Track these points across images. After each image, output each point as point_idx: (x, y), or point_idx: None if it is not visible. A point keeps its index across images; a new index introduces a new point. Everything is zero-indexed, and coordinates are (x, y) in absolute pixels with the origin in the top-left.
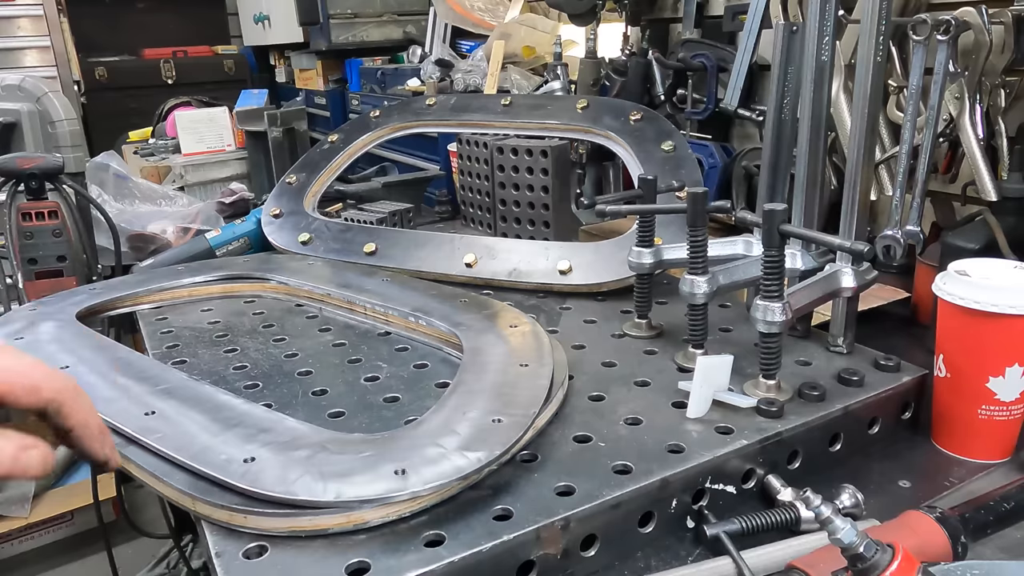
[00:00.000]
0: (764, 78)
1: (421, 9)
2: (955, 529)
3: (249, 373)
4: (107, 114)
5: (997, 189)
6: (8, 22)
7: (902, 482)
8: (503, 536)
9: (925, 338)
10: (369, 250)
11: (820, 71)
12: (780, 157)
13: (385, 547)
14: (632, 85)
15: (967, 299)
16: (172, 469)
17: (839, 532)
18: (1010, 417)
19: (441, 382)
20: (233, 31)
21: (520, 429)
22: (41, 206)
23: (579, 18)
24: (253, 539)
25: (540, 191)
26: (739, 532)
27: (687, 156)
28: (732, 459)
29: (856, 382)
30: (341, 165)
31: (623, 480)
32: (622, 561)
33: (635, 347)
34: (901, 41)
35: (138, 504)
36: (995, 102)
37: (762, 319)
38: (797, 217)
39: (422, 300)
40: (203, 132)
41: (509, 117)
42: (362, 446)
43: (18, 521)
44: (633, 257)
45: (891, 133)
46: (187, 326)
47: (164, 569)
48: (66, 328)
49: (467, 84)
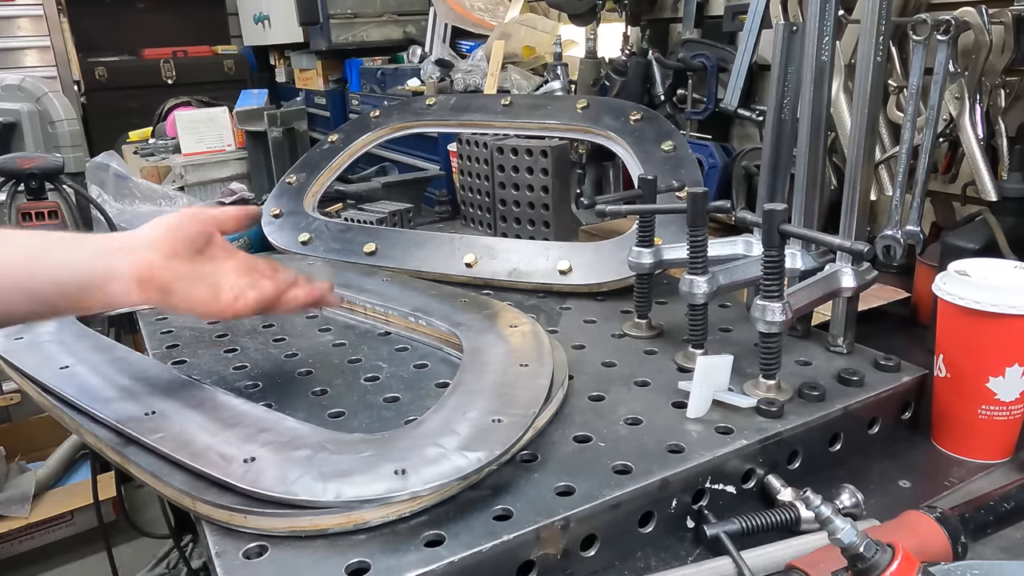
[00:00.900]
0: (764, 78)
1: (421, 9)
2: (955, 529)
3: (249, 373)
4: (107, 114)
5: (997, 189)
6: (8, 22)
7: (902, 482)
8: (503, 536)
9: (925, 338)
10: (369, 250)
11: (820, 71)
12: (780, 157)
13: (385, 547)
14: (632, 85)
15: (967, 299)
16: (172, 469)
17: (839, 532)
18: (1010, 417)
19: (441, 382)
20: (233, 31)
21: (520, 429)
22: (41, 206)
23: (579, 18)
24: (253, 539)
25: (540, 191)
26: (739, 532)
27: (687, 156)
28: (732, 459)
29: (856, 382)
30: (341, 165)
31: (623, 480)
32: (622, 561)
33: (635, 347)
34: (901, 41)
35: (138, 504)
36: (995, 102)
37: (762, 319)
38: (797, 217)
39: (422, 300)
40: (203, 132)
41: (509, 117)
42: (362, 446)
43: (18, 521)
44: (633, 257)
45: (891, 133)
46: (187, 326)
47: (164, 569)
48: (66, 328)
49: (467, 84)
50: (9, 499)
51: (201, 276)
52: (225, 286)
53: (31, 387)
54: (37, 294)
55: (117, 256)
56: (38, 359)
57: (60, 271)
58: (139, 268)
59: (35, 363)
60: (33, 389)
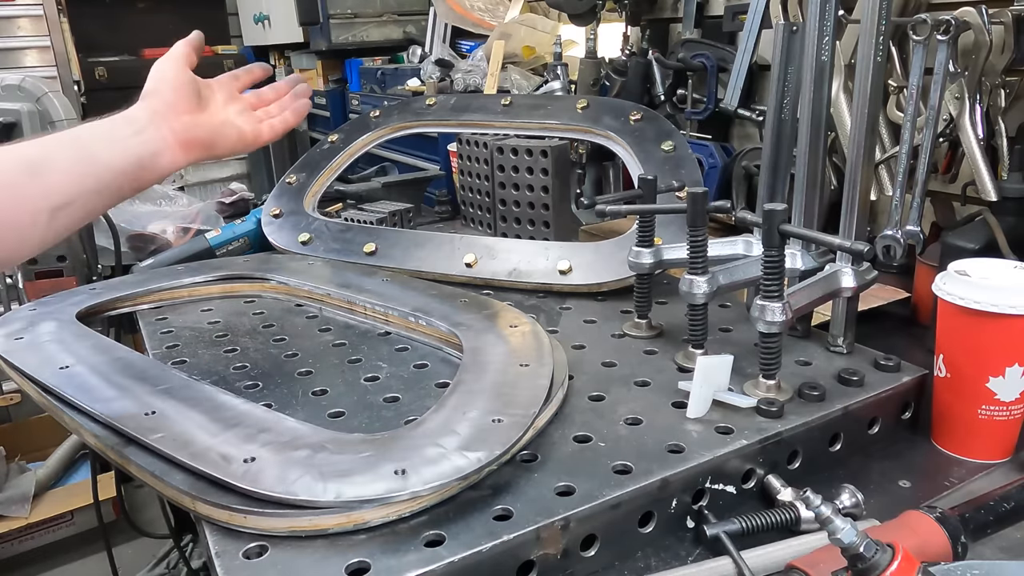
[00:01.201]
0: (764, 78)
1: (421, 9)
2: (955, 529)
3: (249, 373)
4: (107, 114)
5: (997, 189)
6: (8, 22)
7: (902, 482)
8: (503, 536)
9: (925, 338)
10: (369, 250)
11: (820, 71)
12: (780, 157)
13: (385, 547)
14: (632, 85)
15: (967, 299)
16: (172, 469)
17: (839, 532)
18: (1010, 417)
19: (441, 382)
20: (233, 31)
21: (520, 429)
22: None
23: (579, 18)
24: (253, 539)
25: (540, 191)
26: (739, 532)
27: (687, 156)
28: (732, 459)
29: (856, 382)
30: (341, 165)
31: (623, 480)
32: (622, 561)
33: (635, 347)
34: (901, 41)
35: (138, 504)
36: (995, 102)
37: (762, 319)
38: (797, 217)
39: (422, 300)
40: None
41: (509, 117)
42: (362, 446)
43: (18, 521)
44: (633, 257)
45: (891, 133)
46: (187, 326)
47: (164, 569)
48: (66, 328)
49: (467, 84)
50: (9, 499)
51: (224, 122)
52: (239, 123)
53: (31, 387)
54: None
55: (150, 131)
56: (38, 359)
57: (115, 161)
58: (177, 135)
59: (35, 363)
60: (33, 389)
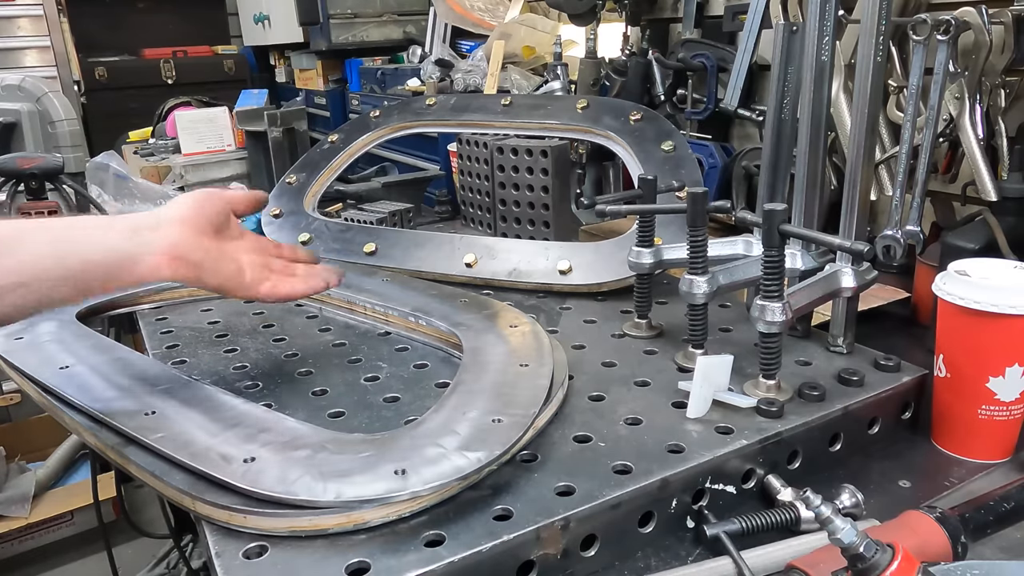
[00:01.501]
0: (764, 78)
1: (421, 9)
2: (955, 529)
3: (249, 373)
4: (107, 114)
5: (997, 189)
6: (8, 22)
7: (902, 482)
8: (503, 536)
9: (925, 338)
10: (369, 250)
11: (820, 71)
12: (780, 157)
13: (385, 547)
14: (632, 85)
15: (967, 299)
16: (172, 469)
17: (839, 532)
18: (1010, 417)
19: (441, 382)
20: (233, 31)
21: (520, 429)
22: (41, 206)
23: (579, 18)
24: (253, 539)
25: (540, 191)
26: (739, 532)
27: (687, 156)
28: (732, 459)
29: (856, 382)
30: (341, 165)
31: (623, 480)
32: (622, 561)
33: (635, 347)
34: (901, 41)
35: (138, 504)
36: (995, 102)
37: (762, 319)
38: (797, 217)
39: (422, 300)
40: (203, 132)
41: (509, 117)
42: (362, 446)
43: (18, 521)
44: (633, 257)
45: (891, 133)
46: (187, 326)
47: (164, 569)
48: (66, 328)
49: (467, 84)
50: (9, 499)
51: (225, 254)
52: (245, 265)
53: (31, 387)
54: (68, 278)
55: (146, 234)
56: (38, 359)
57: (90, 252)
58: (170, 244)
59: (35, 363)
60: (33, 389)
